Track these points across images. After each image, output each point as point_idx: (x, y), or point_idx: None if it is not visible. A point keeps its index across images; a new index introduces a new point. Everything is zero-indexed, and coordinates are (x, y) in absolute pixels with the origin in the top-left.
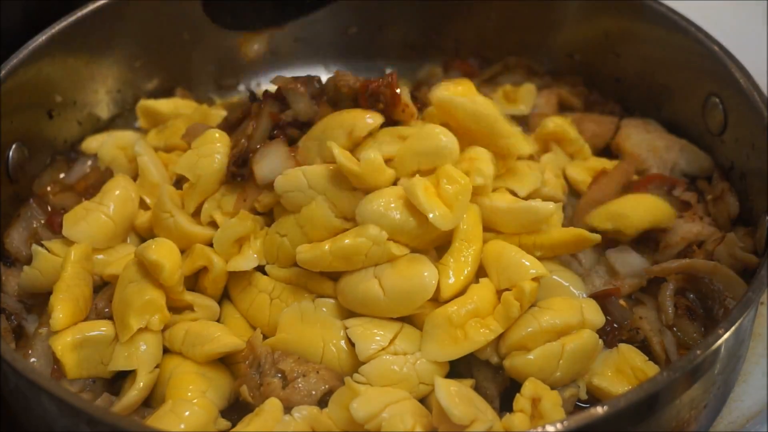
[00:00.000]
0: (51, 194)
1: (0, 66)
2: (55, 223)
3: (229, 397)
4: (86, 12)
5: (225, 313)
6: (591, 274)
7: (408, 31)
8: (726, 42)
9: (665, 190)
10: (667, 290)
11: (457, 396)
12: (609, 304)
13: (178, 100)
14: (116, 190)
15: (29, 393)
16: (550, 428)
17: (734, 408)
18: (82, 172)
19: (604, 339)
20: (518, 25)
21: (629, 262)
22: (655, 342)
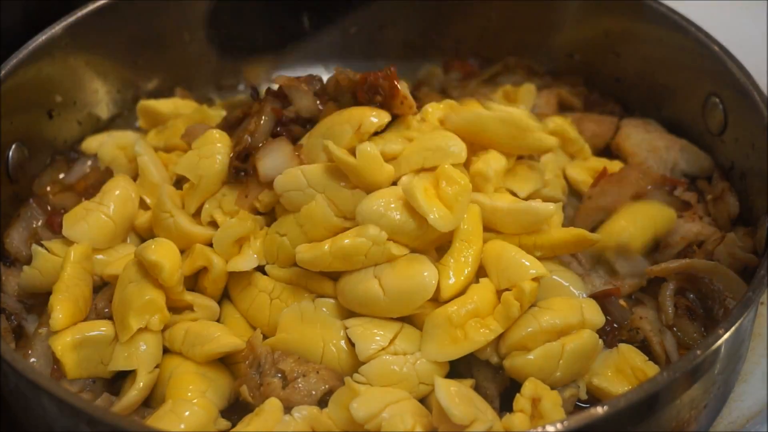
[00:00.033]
0: (51, 194)
1: (0, 66)
2: (55, 223)
3: (229, 397)
4: (86, 12)
5: (225, 313)
6: (591, 274)
7: (408, 31)
8: (726, 42)
9: (666, 191)
10: (667, 290)
11: (457, 396)
12: (609, 304)
13: (178, 100)
14: (116, 190)
15: (29, 393)
16: (550, 428)
17: (734, 408)
18: (82, 172)
19: (604, 339)
20: (518, 25)
21: (629, 262)
22: (655, 342)
